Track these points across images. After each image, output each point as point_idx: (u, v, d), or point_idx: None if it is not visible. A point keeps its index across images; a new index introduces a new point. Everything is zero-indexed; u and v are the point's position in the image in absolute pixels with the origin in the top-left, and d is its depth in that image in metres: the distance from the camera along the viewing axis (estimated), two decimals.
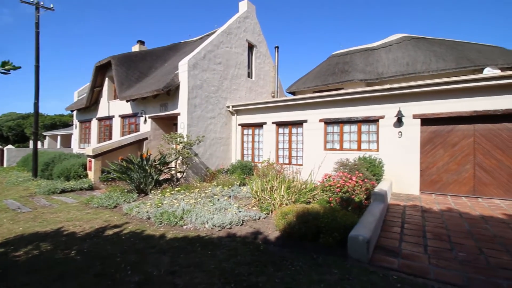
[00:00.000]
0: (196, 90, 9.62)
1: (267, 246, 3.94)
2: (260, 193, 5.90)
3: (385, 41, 13.75)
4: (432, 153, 7.19)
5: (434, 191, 7.14)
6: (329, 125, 8.95)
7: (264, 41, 13.84)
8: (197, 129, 9.64)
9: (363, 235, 3.40)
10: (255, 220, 5.09)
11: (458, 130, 6.90)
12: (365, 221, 3.94)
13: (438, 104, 7.02)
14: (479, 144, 6.65)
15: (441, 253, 3.60)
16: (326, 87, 13.35)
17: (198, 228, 4.76)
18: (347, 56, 14.55)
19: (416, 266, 3.25)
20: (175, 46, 15.57)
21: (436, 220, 4.95)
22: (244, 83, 12.23)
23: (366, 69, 12.77)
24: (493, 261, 3.36)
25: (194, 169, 9.53)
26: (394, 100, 7.61)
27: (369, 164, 7.09)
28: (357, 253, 3.41)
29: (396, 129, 7.56)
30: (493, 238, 4.08)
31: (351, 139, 8.49)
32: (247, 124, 11.15)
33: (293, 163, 9.69)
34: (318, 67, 15.38)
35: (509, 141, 6.40)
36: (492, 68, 9.26)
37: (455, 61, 10.30)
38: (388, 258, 3.46)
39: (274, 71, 14.47)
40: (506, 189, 6.39)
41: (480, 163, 6.64)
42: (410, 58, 11.69)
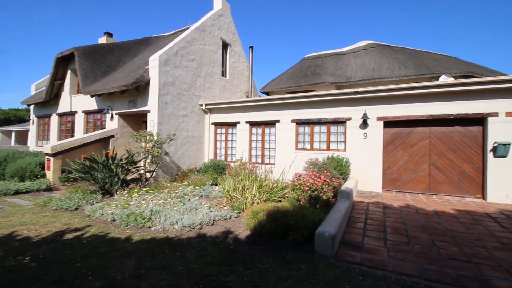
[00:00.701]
0: (167, 86, 9.32)
1: (237, 245, 3.95)
2: (232, 192, 5.90)
3: (354, 47, 14.46)
4: (393, 153, 7.74)
5: (395, 189, 7.69)
6: (300, 126, 9.20)
7: (238, 40, 13.82)
8: (168, 127, 9.36)
9: (329, 232, 3.56)
10: (226, 220, 5.08)
11: (416, 132, 7.49)
12: (331, 218, 4.12)
13: (399, 108, 7.55)
14: (434, 145, 7.29)
15: (399, 246, 3.88)
16: (298, 89, 13.71)
17: (167, 229, 4.63)
18: (318, 60, 15.06)
19: (376, 259, 3.48)
20: (146, 40, 14.94)
21: (395, 215, 5.33)
22: (218, 81, 12.11)
23: (336, 72, 13.33)
24: (444, 252, 3.69)
25: (164, 168, 9.24)
26: (361, 103, 8.04)
27: (337, 164, 7.42)
28: (324, 249, 3.56)
29: (362, 130, 8.00)
30: (445, 231, 4.49)
31: (321, 139, 8.81)
32: (220, 123, 11.06)
33: (266, 163, 9.81)
34: (291, 69, 15.73)
35: (459, 143, 7.09)
36: (447, 76, 10.18)
37: (415, 68, 11.15)
38: (351, 253, 3.66)
39: (248, 71, 14.51)
40: (456, 187, 7.07)
41: (434, 163, 7.28)
42: (376, 64, 12.42)
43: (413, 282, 2.95)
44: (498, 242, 4.04)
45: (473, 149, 6.90)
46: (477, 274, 3.11)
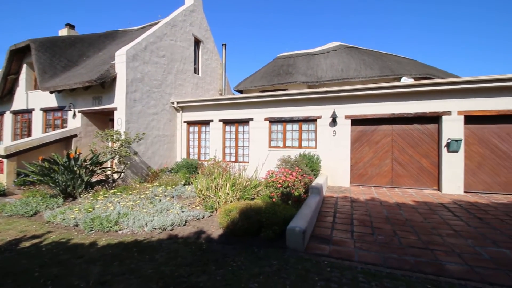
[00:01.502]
0: (136, 83, 8.91)
1: (210, 244, 3.92)
2: (205, 191, 5.82)
3: (324, 48, 14.95)
4: (360, 150, 8.18)
5: (362, 183, 8.14)
6: (273, 124, 9.33)
7: (211, 37, 13.61)
8: (137, 126, 8.96)
9: (299, 227, 3.67)
10: (199, 220, 5.01)
11: (380, 130, 7.99)
12: (302, 213, 4.25)
13: (365, 107, 7.98)
14: (396, 142, 7.83)
15: (364, 237, 4.11)
16: (272, 87, 13.87)
17: (136, 232, 4.46)
18: (291, 59, 15.35)
19: (344, 251, 3.65)
20: (112, 34, 14.12)
21: (362, 208, 5.64)
22: (190, 79, 11.84)
23: (307, 72, 13.69)
24: (404, 241, 3.98)
25: (133, 169, 8.84)
26: (330, 102, 8.36)
27: (308, 161, 7.66)
28: (295, 244, 3.66)
29: (331, 128, 8.33)
30: (405, 221, 4.84)
31: (293, 137, 9.03)
32: (193, 121, 10.84)
33: (240, 161, 9.82)
34: (265, 68, 15.86)
35: (418, 140, 7.68)
36: (408, 77, 10.94)
37: (380, 70, 11.83)
38: (321, 246, 3.81)
39: (221, 69, 14.36)
40: (416, 180, 7.66)
41: (396, 158, 7.82)
42: (344, 65, 12.97)
43: (376, 271, 3.15)
44: (451, 229, 4.44)
45: (430, 145, 7.52)
46: (433, 260, 3.39)
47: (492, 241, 3.93)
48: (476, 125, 7.11)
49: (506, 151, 6.93)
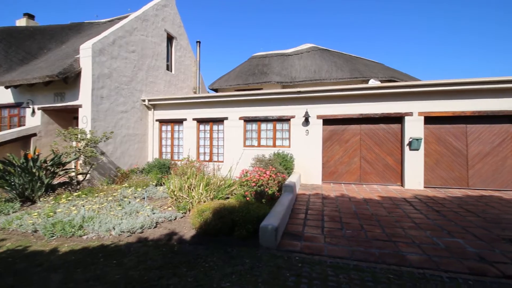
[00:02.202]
0: (103, 79, 8.44)
1: (181, 246, 3.85)
2: (177, 192, 5.69)
3: (298, 49, 15.29)
4: (331, 149, 8.51)
5: (332, 180, 8.48)
6: (248, 123, 9.37)
7: (185, 34, 13.28)
8: (105, 124, 8.50)
9: (272, 224, 3.72)
10: (171, 221, 4.88)
11: (350, 129, 8.38)
12: (275, 211, 4.32)
13: (336, 107, 8.31)
14: (364, 141, 8.27)
15: (334, 232, 4.28)
16: (247, 87, 13.89)
17: (102, 237, 4.24)
18: (266, 59, 15.48)
19: (314, 246, 3.78)
20: (77, 26, 13.23)
21: (332, 205, 5.87)
22: (163, 76, 11.47)
23: (282, 72, 13.90)
24: (370, 234, 4.21)
25: (100, 170, 8.37)
26: (303, 102, 8.59)
27: (282, 159, 7.80)
28: (267, 241, 3.71)
29: (304, 127, 8.56)
30: (371, 216, 5.12)
31: (267, 136, 9.14)
32: (165, 120, 10.51)
33: (214, 160, 9.73)
34: (240, 67, 15.83)
35: (383, 139, 8.17)
36: (375, 80, 11.55)
37: (350, 72, 12.37)
38: (293, 242, 3.90)
39: (195, 66, 14.09)
40: (381, 176, 8.15)
41: (364, 156, 8.26)
42: (317, 67, 13.37)
43: (344, 264, 3.29)
44: (412, 222, 4.77)
45: (394, 143, 8.04)
46: (395, 251, 3.62)
47: (447, 232, 4.29)
48: (434, 125, 7.73)
49: (460, 149, 7.62)
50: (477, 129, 7.50)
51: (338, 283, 2.83)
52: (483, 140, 7.46)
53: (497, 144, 7.39)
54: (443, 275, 3.01)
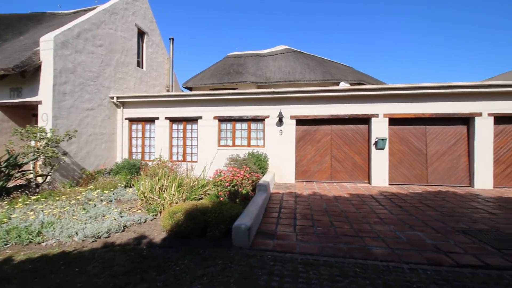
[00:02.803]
0: (66, 74, 7.87)
1: (151, 249, 3.71)
2: (148, 194, 5.48)
3: (273, 50, 15.49)
4: (304, 148, 8.75)
5: (305, 179, 8.72)
6: (223, 123, 9.30)
7: (157, 29, 12.82)
8: (68, 123, 7.93)
9: (245, 224, 3.73)
10: (140, 224, 4.69)
11: (321, 130, 8.68)
12: (249, 211, 4.34)
13: (309, 108, 8.55)
14: (334, 140, 8.61)
15: (305, 230, 4.40)
16: (222, 86, 13.78)
17: (64, 243, 3.95)
18: (241, 59, 15.48)
19: (286, 244, 3.85)
20: (38, 17, 12.18)
21: (304, 203, 6.03)
22: (133, 72, 10.97)
23: (257, 72, 13.99)
24: (339, 230, 4.38)
25: (63, 171, 7.80)
26: (277, 102, 8.72)
27: (257, 159, 7.86)
28: (240, 241, 3.71)
29: (278, 127, 8.70)
30: (341, 212, 5.33)
31: (242, 136, 9.15)
32: (136, 118, 10.07)
33: (188, 160, 9.52)
34: (215, 66, 15.66)
35: (352, 138, 8.57)
36: (345, 82, 12.07)
37: (322, 75, 12.79)
38: (266, 241, 3.94)
39: (168, 63, 13.67)
40: (350, 175, 8.54)
41: (335, 155, 8.60)
42: (291, 68, 13.65)
43: (314, 260, 3.39)
44: (377, 218, 5.05)
45: (362, 143, 8.48)
46: (362, 246, 3.80)
47: (409, 226, 4.59)
48: (398, 126, 8.28)
49: (420, 148, 8.23)
50: (435, 130, 8.16)
51: (308, 280, 2.90)
52: (440, 140, 8.14)
53: (452, 144, 8.10)
54: (405, 267, 3.22)
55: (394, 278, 2.94)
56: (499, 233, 4.19)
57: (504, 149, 7.85)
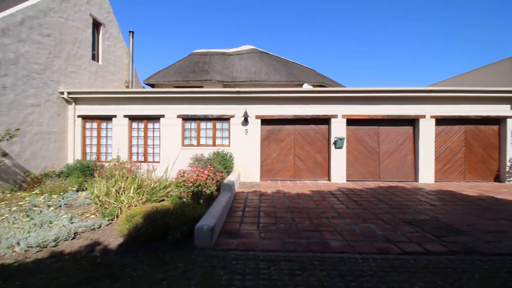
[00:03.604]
0: (7, 65, 6.99)
1: (106, 257, 3.49)
2: (103, 197, 5.12)
3: (239, 50, 15.50)
4: (268, 148, 8.96)
5: (270, 178, 8.93)
6: (187, 121, 9.07)
7: (115, 21, 12.00)
8: (9, 120, 7.06)
9: (207, 224, 3.70)
10: (94, 230, 4.38)
11: (285, 129, 8.97)
12: (212, 211, 4.31)
13: (274, 108, 8.75)
14: (297, 140, 8.95)
15: (268, 227, 4.50)
16: (186, 84, 13.42)
17: (3, 255, 3.52)
18: (207, 57, 15.22)
19: (249, 242, 3.90)
20: None
21: (268, 201, 6.17)
22: (88, 66, 10.14)
23: (223, 71, 13.88)
24: (300, 226, 4.57)
25: (3, 174, 6.93)
26: (243, 102, 8.77)
27: (222, 158, 7.82)
28: (203, 242, 3.67)
29: (243, 127, 8.77)
30: (302, 209, 5.56)
31: (207, 135, 9.03)
32: (91, 116, 9.33)
33: (149, 161, 9.10)
34: (179, 63, 15.18)
35: (314, 138, 8.99)
36: (308, 84, 12.56)
37: (287, 76, 13.16)
38: (229, 241, 3.95)
39: (128, 58, 12.89)
40: (312, 172, 8.95)
41: (298, 154, 8.94)
42: (257, 68, 13.80)
43: (276, 256, 3.49)
44: (335, 212, 5.37)
45: (322, 142, 8.94)
46: (321, 240, 4.01)
47: (362, 219, 4.96)
48: (354, 127, 8.89)
49: (374, 147, 8.94)
50: (386, 130, 8.94)
51: (269, 275, 2.98)
52: (391, 140, 8.94)
53: (401, 143, 8.94)
54: (358, 257, 3.47)
55: (348, 268, 3.15)
56: (438, 222, 4.73)
57: (443, 148, 8.89)
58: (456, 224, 4.62)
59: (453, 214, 5.22)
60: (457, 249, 3.65)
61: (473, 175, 8.92)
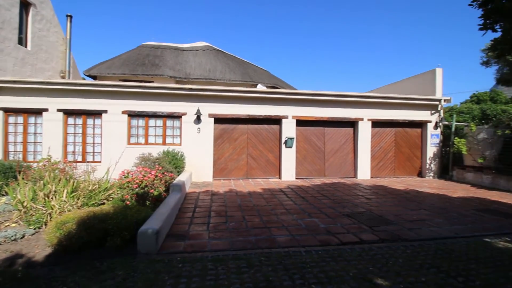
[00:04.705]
0: None
1: (30, 270, 3.07)
2: (28, 203, 4.48)
3: (193, 45, 15.05)
4: (222, 147, 8.93)
5: (223, 177, 8.93)
6: (133, 118, 8.48)
7: (48, 2, 10.56)
8: None
9: (152, 228, 3.53)
10: (16, 241, 3.80)
11: (238, 129, 9.05)
12: (158, 213, 4.12)
13: (227, 107, 8.74)
14: (250, 139, 9.12)
15: (218, 226, 4.49)
16: (135, 77, 12.52)
17: None
18: (158, 50, 14.40)
19: (197, 244, 3.84)
20: None
21: (220, 200, 6.15)
22: (13, 51, 8.72)
23: (176, 67, 13.31)
24: (250, 224, 4.65)
25: None
26: (196, 100, 8.55)
27: (172, 158, 7.52)
28: (147, 247, 3.49)
29: (196, 125, 8.57)
30: (253, 207, 5.68)
31: (156, 133, 8.58)
32: (15, 109, 8.05)
33: (89, 160, 8.25)
34: (127, 54, 14.06)
35: (266, 138, 9.28)
36: (262, 85, 12.85)
37: (241, 76, 13.24)
38: (176, 243, 3.83)
39: (65, 45, 11.47)
40: (264, 171, 9.23)
41: (250, 153, 9.12)
42: (212, 66, 13.59)
43: (224, 255, 3.50)
44: (284, 209, 5.60)
45: (274, 142, 9.29)
46: (269, 236, 4.15)
47: (308, 214, 5.28)
48: (303, 127, 9.45)
49: (320, 146, 9.61)
50: (331, 131, 9.71)
51: (216, 275, 2.98)
52: (335, 140, 9.73)
53: (343, 143, 9.79)
54: (302, 250, 3.69)
55: (292, 261, 3.33)
56: (371, 214, 5.30)
57: (377, 147, 10.01)
58: (386, 215, 5.24)
59: (384, 206, 5.91)
60: (386, 237, 4.15)
61: (401, 171, 10.24)
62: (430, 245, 3.90)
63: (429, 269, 3.16)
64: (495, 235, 4.33)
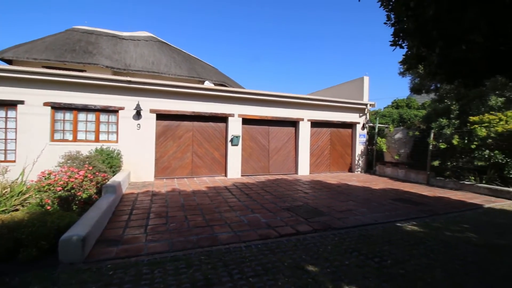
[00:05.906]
0: None
1: None
2: None
3: (134, 35, 13.88)
4: (165, 144, 8.53)
5: (165, 176, 8.54)
6: (59, 111, 7.43)
7: None
8: None
9: (77, 234, 3.20)
10: None
11: (183, 126, 8.77)
12: (87, 218, 3.75)
13: (171, 103, 8.36)
14: (196, 137, 8.93)
15: (157, 228, 4.30)
16: (62, 65, 10.96)
17: None
18: (92, 36, 12.87)
19: (132, 248, 3.61)
20: None
21: (161, 201, 5.88)
22: None
23: (113, 56, 12.11)
24: (192, 223, 4.57)
25: None
26: (135, 93, 7.95)
27: (107, 156, 6.87)
28: (71, 255, 3.14)
29: (135, 121, 7.97)
30: (196, 206, 5.59)
31: (88, 129, 7.69)
32: None
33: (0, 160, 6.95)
34: (53, 37, 12.19)
35: (212, 135, 9.20)
36: (210, 82, 12.63)
37: (188, 71, 12.79)
38: (107, 249, 3.54)
39: None
40: (210, 169, 9.16)
41: (196, 151, 8.93)
42: (155, 58, 12.77)
43: (162, 258, 3.37)
44: (228, 206, 5.66)
45: (220, 140, 9.29)
46: (211, 234, 4.14)
47: (251, 210, 5.44)
48: (249, 126, 9.68)
49: (265, 144, 9.99)
50: (275, 130, 10.18)
51: (151, 280, 2.86)
52: (278, 138, 10.24)
53: (286, 141, 10.37)
54: (242, 245, 3.80)
55: (232, 257, 3.41)
56: (308, 207, 5.75)
57: (315, 146, 10.89)
58: (320, 207, 5.75)
59: (319, 199, 6.48)
60: (318, 227, 4.56)
61: (335, 167, 11.36)
62: (354, 232, 4.43)
63: (352, 253, 3.60)
64: (405, 220, 5.15)
